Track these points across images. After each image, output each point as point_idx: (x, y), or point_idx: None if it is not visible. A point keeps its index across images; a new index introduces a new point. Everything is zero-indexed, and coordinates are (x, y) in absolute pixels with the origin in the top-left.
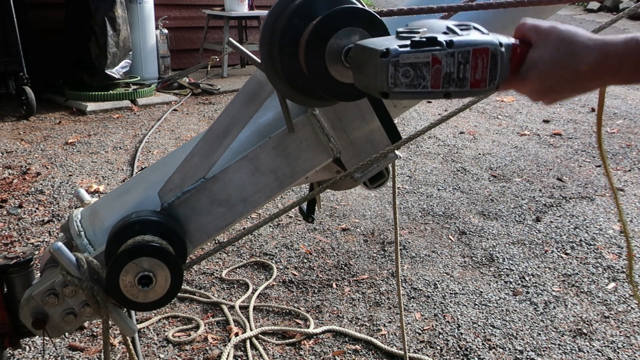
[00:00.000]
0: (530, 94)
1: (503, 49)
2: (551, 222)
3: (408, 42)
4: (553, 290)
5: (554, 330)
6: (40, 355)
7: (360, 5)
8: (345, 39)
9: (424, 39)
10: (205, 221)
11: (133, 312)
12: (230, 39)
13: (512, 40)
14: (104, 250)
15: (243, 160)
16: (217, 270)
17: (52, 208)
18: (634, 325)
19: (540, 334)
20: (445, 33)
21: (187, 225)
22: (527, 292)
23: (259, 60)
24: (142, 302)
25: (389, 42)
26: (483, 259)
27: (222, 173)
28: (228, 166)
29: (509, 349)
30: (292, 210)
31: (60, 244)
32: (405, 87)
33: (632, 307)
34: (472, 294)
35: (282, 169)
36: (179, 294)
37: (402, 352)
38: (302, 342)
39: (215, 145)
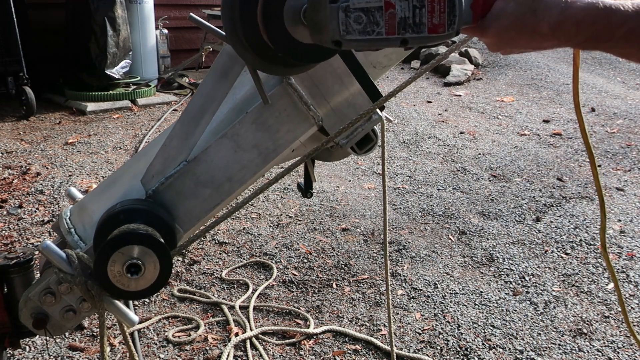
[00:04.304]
0: (488, 45)
1: None
2: (551, 222)
3: None
4: (553, 290)
5: (554, 330)
6: (40, 355)
7: None
8: None
9: None
10: (193, 204)
11: (131, 305)
12: (191, 13)
13: None
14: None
15: (223, 139)
16: (217, 270)
17: (52, 208)
18: (634, 325)
19: (540, 333)
20: None
21: (174, 211)
22: (527, 292)
23: (223, 33)
24: (135, 290)
25: None
26: (483, 259)
27: (203, 154)
28: (209, 146)
29: (509, 349)
30: (293, 210)
31: (48, 242)
32: (358, 34)
33: (632, 307)
34: (472, 294)
35: (264, 143)
36: (179, 294)
37: (403, 352)
38: (302, 342)
39: (192, 125)
